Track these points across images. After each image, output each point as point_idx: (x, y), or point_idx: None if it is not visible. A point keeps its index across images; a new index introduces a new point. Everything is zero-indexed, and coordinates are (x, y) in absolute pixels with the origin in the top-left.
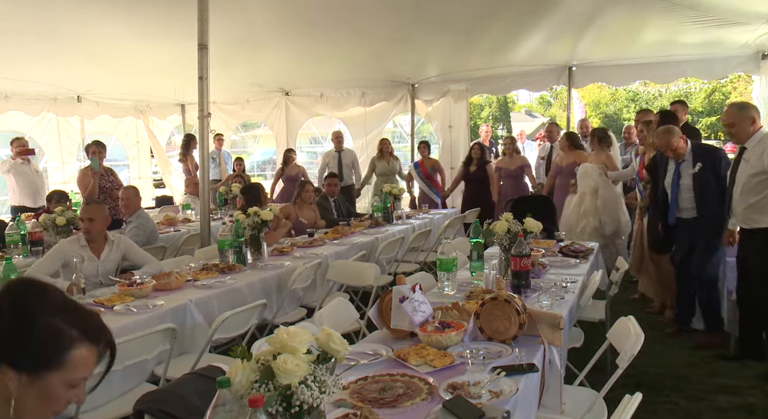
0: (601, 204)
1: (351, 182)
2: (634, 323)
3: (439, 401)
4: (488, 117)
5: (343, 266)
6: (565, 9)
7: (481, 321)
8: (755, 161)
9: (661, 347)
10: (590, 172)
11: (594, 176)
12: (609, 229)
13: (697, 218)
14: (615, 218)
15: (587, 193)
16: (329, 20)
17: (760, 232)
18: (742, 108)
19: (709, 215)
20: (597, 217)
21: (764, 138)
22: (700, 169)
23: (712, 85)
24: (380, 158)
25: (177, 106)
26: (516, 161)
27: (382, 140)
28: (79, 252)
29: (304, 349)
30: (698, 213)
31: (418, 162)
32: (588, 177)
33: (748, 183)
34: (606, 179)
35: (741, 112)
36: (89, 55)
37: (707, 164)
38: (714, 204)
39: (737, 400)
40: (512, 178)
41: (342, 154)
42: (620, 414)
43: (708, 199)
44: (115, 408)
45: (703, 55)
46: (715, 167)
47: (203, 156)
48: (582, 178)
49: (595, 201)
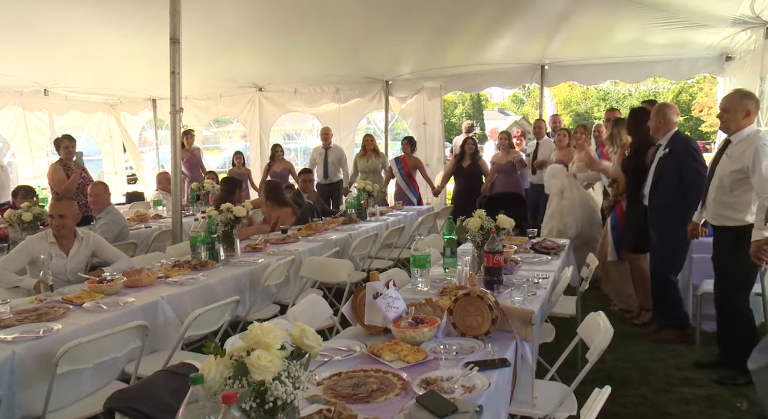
0: (566, 206)
1: (337, 179)
2: (603, 318)
3: (413, 396)
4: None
5: (316, 262)
6: (538, 8)
7: (455, 316)
8: (737, 157)
9: (629, 341)
10: (557, 173)
11: (561, 177)
12: (572, 232)
13: (649, 206)
14: (577, 221)
15: (554, 195)
16: (303, 15)
17: (728, 230)
18: (743, 97)
19: (660, 203)
20: (561, 220)
21: (752, 135)
22: (666, 154)
23: (680, 86)
24: (362, 155)
25: (148, 101)
26: (510, 155)
27: (365, 136)
28: (47, 249)
29: (278, 345)
30: (650, 201)
31: (401, 158)
32: (555, 178)
33: (727, 180)
34: (573, 180)
35: (740, 100)
36: (55, 47)
37: (675, 151)
38: (668, 196)
39: (701, 392)
40: (505, 173)
41: (329, 151)
42: (589, 407)
43: (664, 187)
44: (84, 407)
45: (670, 56)
46: (680, 157)
47: (175, 152)
48: (550, 179)
49: (560, 203)
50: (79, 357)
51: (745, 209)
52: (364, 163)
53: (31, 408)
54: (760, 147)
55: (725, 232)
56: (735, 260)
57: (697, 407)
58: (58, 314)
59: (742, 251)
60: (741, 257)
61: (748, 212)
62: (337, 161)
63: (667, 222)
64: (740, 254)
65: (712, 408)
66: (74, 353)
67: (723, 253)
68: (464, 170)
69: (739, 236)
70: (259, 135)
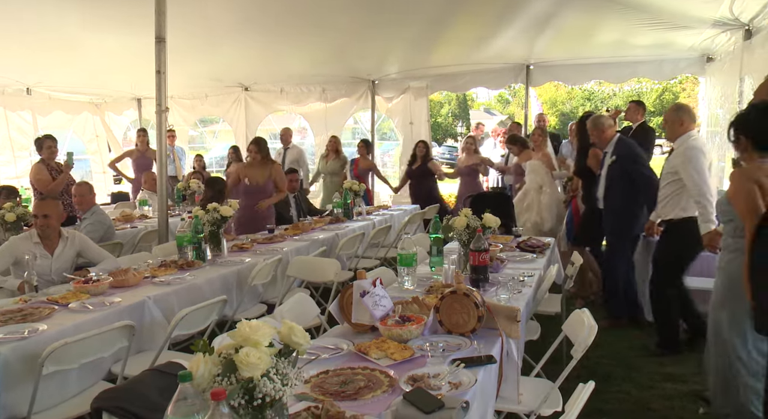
0: (545, 201)
1: None
2: (588, 315)
3: (400, 393)
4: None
5: (303, 262)
6: (523, 9)
7: (441, 314)
8: (672, 159)
9: (613, 338)
10: (538, 169)
11: (541, 173)
12: (548, 226)
13: (603, 209)
14: (554, 216)
15: (532, 189)
16: (289, 15)
17: (665, 224)
18: (676, 110)
19: (611, 207)
20: (539, 213)
21: (687, 141)
22: (613, 161)
23: (663, 86)
24: (325, 156)
25: (133, 100)
26: (472, 159)
27: (331, 137)
28: (32, 249)
29: (266, 342)
30: (604, 204)
31: (355, 160)
32: (536, 173)
33: (667, 178)
34: (551, 177)
35: (675, 113)
36: (38, 46)
37: (620, 157)
38: (618, 200)
39: (683, 387)
40: (466, 175)
41: (287, 151)
42: (573, 402)
43: (614, 192)
44: (70, 408)
45: (653, 57)
46: (625, 162)
47: (161, 152)
48: (530, 173)
49: (538, 197)
50: (65, 357)
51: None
52: (325, 163)
53: (15, 409)
54: (686, 151)
55: (664, 224)
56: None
57: (680, 402)
58: (43, 314)
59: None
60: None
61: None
62: (295, 161)
63: (617, 224)
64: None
65: (693, 403)
66: (60, 353)
67: (660, 243)
68: (414, 172)
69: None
70: (245, 135)
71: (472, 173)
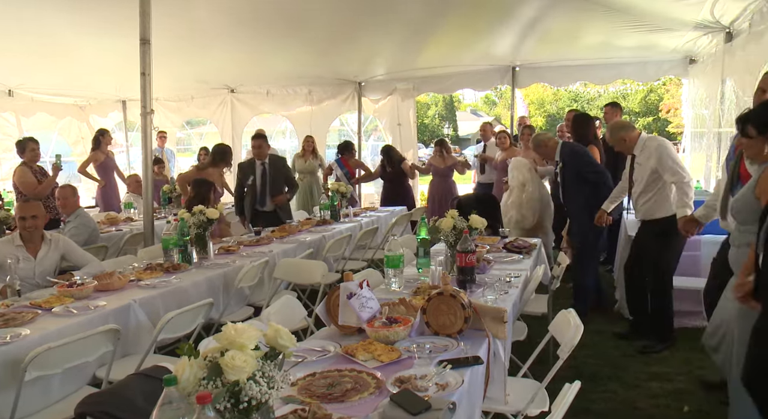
0: (526, 198)
1: None
2: (573, 315)
3: (387, 395)
4: (434, 116)
5: (290, 264)
6: (509, 11)
7: (428, 315)
8: (645, 163)
9: (600, 338)
10: (521, 166)
11: (524, 170)
12: (529, 223)
13: (567, 214)
14: (535, 212)
15: (515, 186)
16: (275, 16)
17: (655, 222)
18: (610, 133)
19: (573, 208)
20: (520, 211)
21: (646, 142)
22: (562, 167)
23: (648, 87)
24: (301, 155)
25: (118, 102)
26: (446, 161)
27: (306, 137)
28: (14, 252)
29: (252, 345)
30: (568, 209)
31: (342, 159)
32: (518, 171)
33: (646, 181)
34: (535, 174)
35: (612, 137)
36: (20, 47)
37: (567, 162)
38: (579, 200)
39: (668, 386)
40: (440, 176)
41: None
42: (560, 402)
43: (572, 194)
44: (54, 414)
45: (637, 59)
46: (572, 165)
47: (147, 154)
48: (513, 171)
49: (521, 195)
50: (48, 362)
51: (666, 203)
52: (302, 163)
53: None
54: (656, 149)
55: (653, 224)
56: (663, 246)
57: (665, 401)
58: (26, 319)
59: (669, 238)
60: (669, 244)
61: (670, 205)
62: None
63: (584, 226)
64: (668, 240)
65: (679, 401)
66: (43, 358)
67: (652, 241)
68: (387, 175)
69: (666, 225)
70: (231, 136)
71: (447, 174)
